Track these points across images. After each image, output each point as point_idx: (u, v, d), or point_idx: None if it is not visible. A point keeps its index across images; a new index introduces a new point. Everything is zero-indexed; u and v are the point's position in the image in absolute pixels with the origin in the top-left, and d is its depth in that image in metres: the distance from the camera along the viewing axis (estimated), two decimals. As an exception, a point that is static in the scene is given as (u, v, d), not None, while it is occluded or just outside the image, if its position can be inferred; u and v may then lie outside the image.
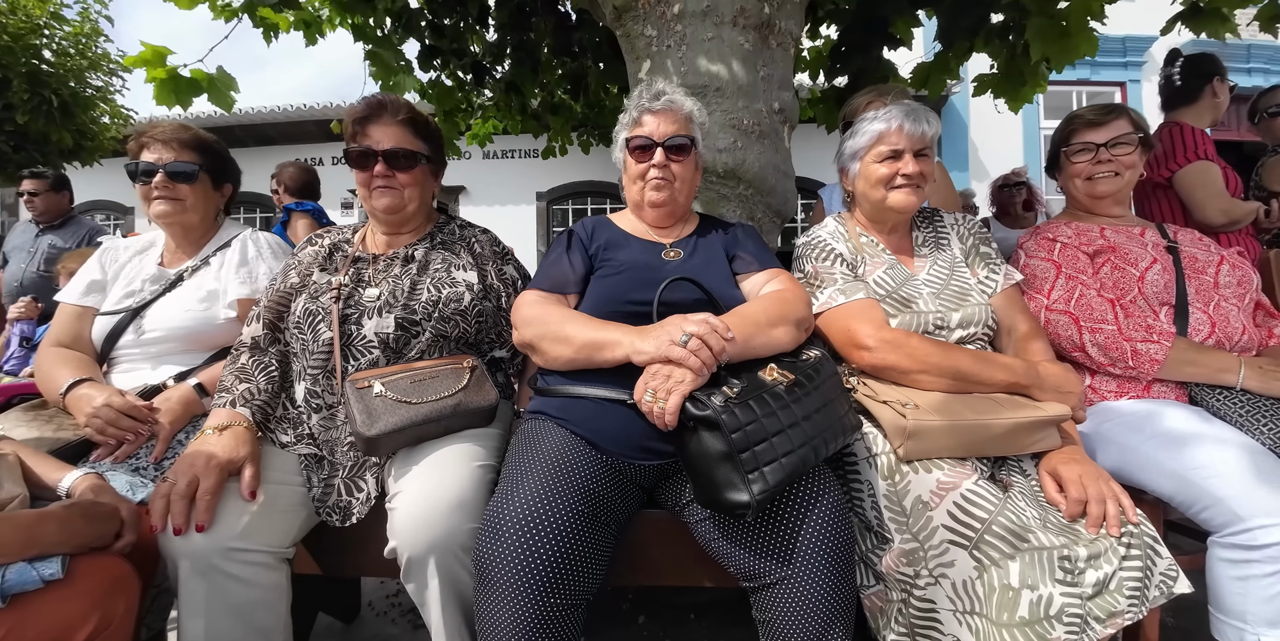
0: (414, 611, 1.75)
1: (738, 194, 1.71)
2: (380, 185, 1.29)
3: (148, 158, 1.38)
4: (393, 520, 1.01)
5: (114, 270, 1.43)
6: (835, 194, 2.19)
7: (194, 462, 0.99)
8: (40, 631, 0.72)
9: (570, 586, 0.90)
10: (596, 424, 1.05)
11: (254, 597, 0.99)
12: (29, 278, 3.40)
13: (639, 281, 1.17)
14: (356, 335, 1.19)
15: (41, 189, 3.48)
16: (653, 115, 1.27)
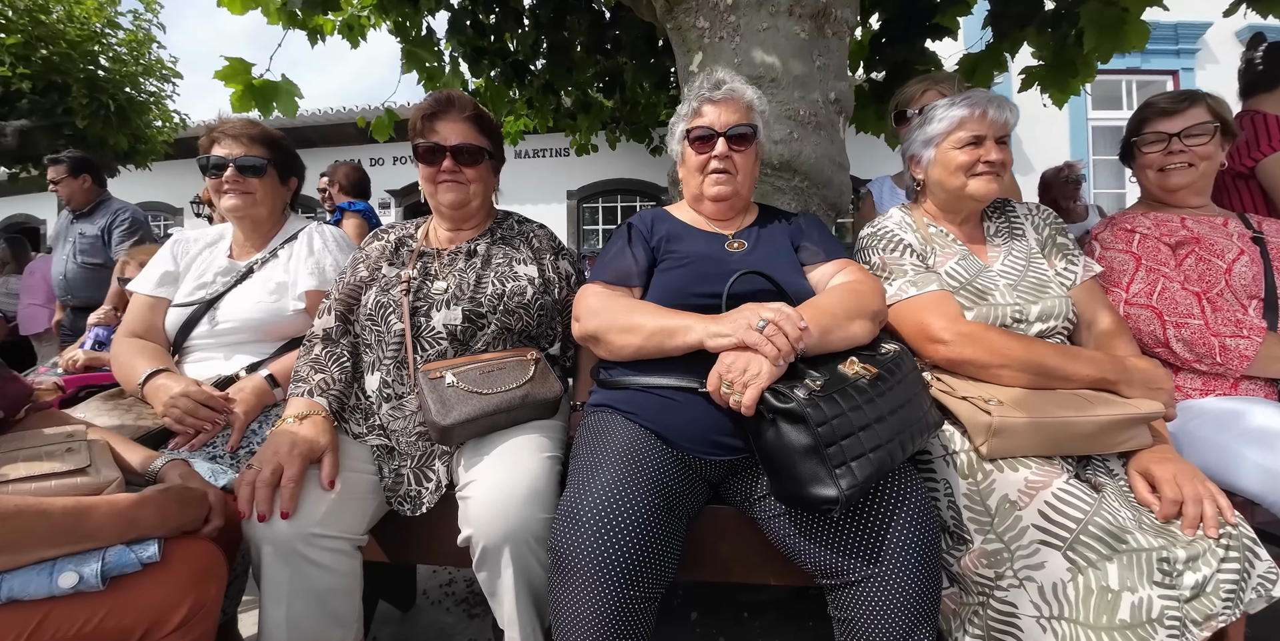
0: (468, 601, 1.78)
1: (793, 186, 1.67)
2: (446, 180, 1.30)
3: (219, 152, 1.41)
4: (466, 509, 1.02)
5: (185, 262, 1.47)
6: (885, 188, 2.13)
7: (277, 450, 1.01)
8: (139, 613, 0.74)
9: (648, 579, 0.89)
10: (666, 418, 1.04)
11: (331, 584, 1.00)
12: (70, 270, 3.34)
13: (705, 274, 1.15)
14: (425, 327, 1.20)
15: (60, 175, 3.31)
16: (713, 105, 1.25)
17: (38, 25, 5.16)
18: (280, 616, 0.96)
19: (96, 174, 3.43)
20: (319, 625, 1.00)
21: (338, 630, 1.03)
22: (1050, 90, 2.96)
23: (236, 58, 2.54)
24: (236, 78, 2.54)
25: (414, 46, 3.51)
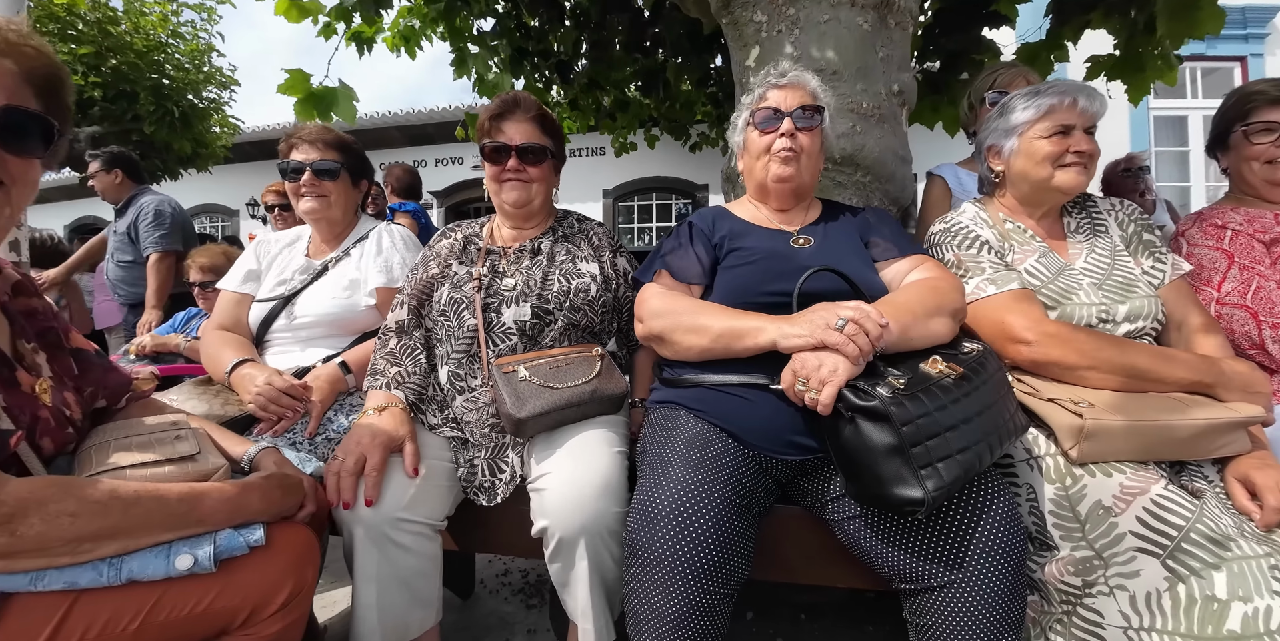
0: (524, 591, 1.81)
1: (855, 181, 1.64)
2: (510, 178, 1.32)
3: (296, 157, 1.48)
4: (541, 501, 1.03)
5: (266, 261, 1.55)
6: (960, 175, 2.02)
7: (359, 441, 1.05)
8: (245, 595, 0.77)
9: (726, 575, 0.89)
10: (738, 416, 1.03)
11: (416, 566, 1.04)
12: (110, 268, 3.28)
13: (773, 271, 1.14)
14: (496, 323, 1.23)
15: (95, 170, 3.17)
16: (778, 89, 1.24)
17: (107, 36, 5.47)
18: (371, 596, 1.01)
19: (130, 168, 3.29)
20: (405, 605, 1.04)
21: (420, 610, 1.07)
22: (1118, 79, 2.82)
23: (296, 69, 2.66)
24: (297, 88, 2.65)
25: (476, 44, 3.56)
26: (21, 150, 0.71)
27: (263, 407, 1.20)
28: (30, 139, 0.72)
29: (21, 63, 0.70)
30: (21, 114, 0.70)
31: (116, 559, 0.67)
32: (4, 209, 0.71)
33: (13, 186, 0.71)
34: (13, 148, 0.70)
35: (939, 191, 1.92)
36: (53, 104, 0.75)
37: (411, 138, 9.55)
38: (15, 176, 0.72)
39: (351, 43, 3.37)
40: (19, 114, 0.69)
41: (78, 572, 0.65)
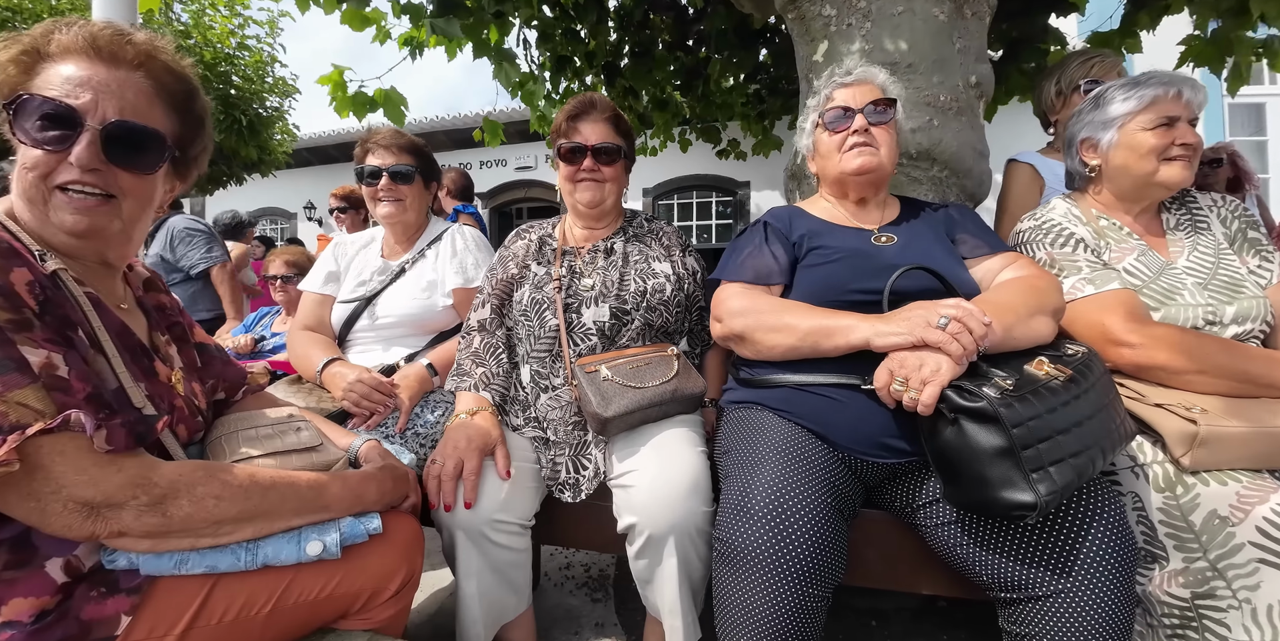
0: (588, 585, 1.83)
1: (930, 176, 1.60)
2: (585, 178, 1.34)
3: (373, 162, 1.52)
4: (628, 498, 1.04)
5: (345, 262, 1.60)
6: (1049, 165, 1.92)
7: (456, 445, 1.08)
8: (364, 581, 0.81)
9: (824, 578, 0.88)
10: (827, 417, 1.02)
11: (510, 559, 1.08)
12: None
13: (858, 269, 1.12)
14: (576, 323, 1.25)
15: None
16: (846, 88, 1.22)
17: (178, 49, 5.77)
18: (473, 588, 1.05)
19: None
20: (501, 594, 1.09)
21: (513, 597, 1.12)
22: (1204, 66, 2.65)
23: (339, 66, 2.73)
24: (337, 84, 2.73)
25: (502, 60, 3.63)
26: (133, 165, 0.72)
27: (355, 403, 1.25)
28: (143, 154, 0.73)
29: (154, 77, 0.74)
30: (134, 129, 0.71)
31: (252, 543, 0.71)
32: (114, 222, 0.73)
33: (124, 200, 0.73)
34: (124, 162, 0.71)
35: (1026, 179, 1.83)
36: (185, 118, 0.78)
37: (456, 141, 9.79)
38: (126, 190, 0.73)
39: (404, 46, 3.45)
40: (131, 129, 0.71)
41: (217, 556, 0.69)
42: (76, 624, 0.62)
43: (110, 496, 0.60)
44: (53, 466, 0.58)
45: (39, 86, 0.68)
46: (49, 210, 0.69)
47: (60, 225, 0.69)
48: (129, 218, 0.74)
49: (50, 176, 0.68)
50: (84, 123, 0.68)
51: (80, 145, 0.67)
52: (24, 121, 0.67)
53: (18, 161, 0.69)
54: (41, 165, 0.68)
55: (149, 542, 0.64)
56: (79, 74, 0.69)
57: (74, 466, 0.59)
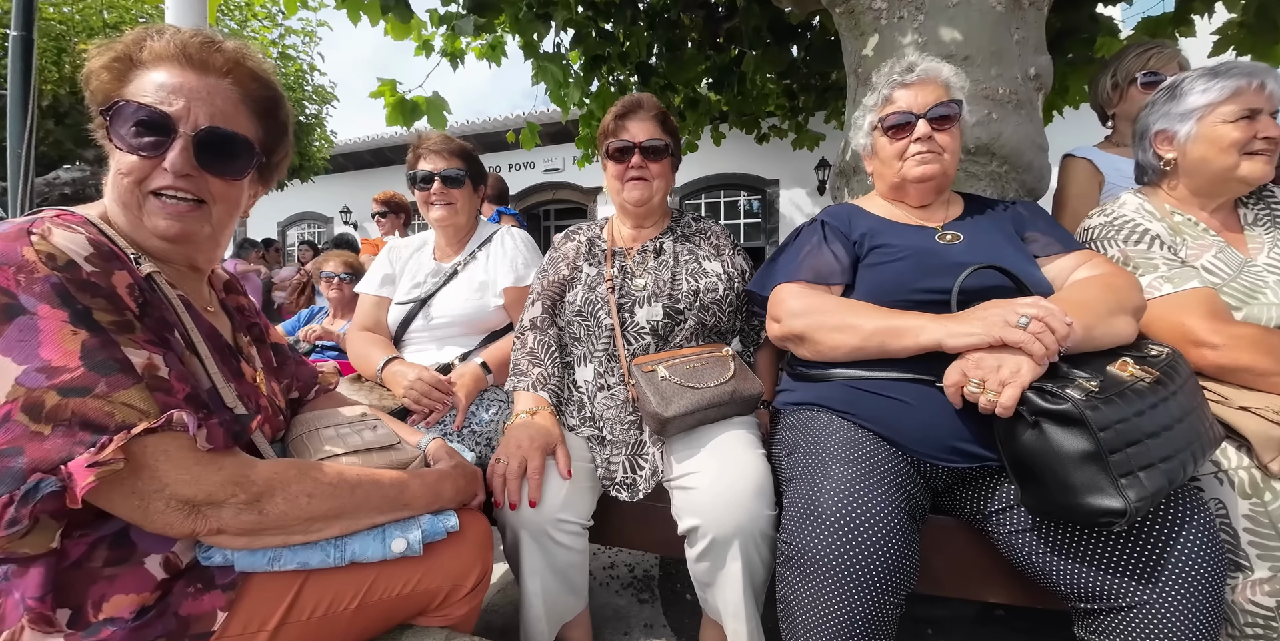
0: (634, 586, 1.83)
1: (989, 171, 1.55)
2: (634, 176, 1.34)
3: (424, 167, 1.55)
4: (690, 500, 1.04)
5: (399, 265, 1.64)
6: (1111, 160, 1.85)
7: (520, 445, 1.09)
8: (443, 578, 0.82)
9: (898, 584, 0.86)
10: (895, 420, 0.99)
11: (570, 560, 1.09)
12: None
13: (925, 268, 1.09)
14: (630, 322, 1.25)
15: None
16: (907, 88, 1.18)
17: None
18: (536, 587, 1.06)
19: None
20: (561, 594, 1.10)
21: (573, 597, 1.13)
22: (1249, 53, 2.51)
23: (386, 79, 2.82)
24: (389, 95, 2.82)
25: (545, 62, 3.67)
26: (223, 171, 0.74)
27: (415, 401, 1.27)
28: (233, 160, 0.75)
29: (242, 84, 0.75)
30: (224, 136, 0.72)
31: (340, 540, 0.73)
32: (204, 227, 0.75)
33: (214, 205, 0.75)
34: (214, 168, 0.73)
35: (1084, 176, 1.77)
36: (270, 125, 0.80)
37: (484, 145, 9.93)
38: (216, 196, 0.75)
39: (445, 56, 3.54)
40: (222, 136, 0.72)
41: (308, 553, 0.70)
42: (175, 620, 0.63)
43: (211, 494, 0.62)
44: (157, 465, 0.60)
45: (132, 93, 0.70)
46: (143, 214, 0.71)
47: (154, 229, 0.72)
48: (218, 222, 0.77)
49: (145, 182, 0.70)
50: (177, 129, 0.70)
51: (174, 151, 0.69)
52: (120, 127, 0.69)
53: (113, 167, 0.71)
54: (137, 171, 0.70)
55: (245, 540, 0.66)
56: (171, 81, 0.70)
57: (177, 465, 0.61)
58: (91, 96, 0.72)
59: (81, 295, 0.59)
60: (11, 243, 0.58)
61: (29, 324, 0.57)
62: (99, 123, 0.71)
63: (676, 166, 1.44)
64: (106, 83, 0.71)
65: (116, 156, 0.70)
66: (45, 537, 0.57)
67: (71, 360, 0.57)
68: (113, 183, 0.71)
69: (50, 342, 0.57)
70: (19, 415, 0.55)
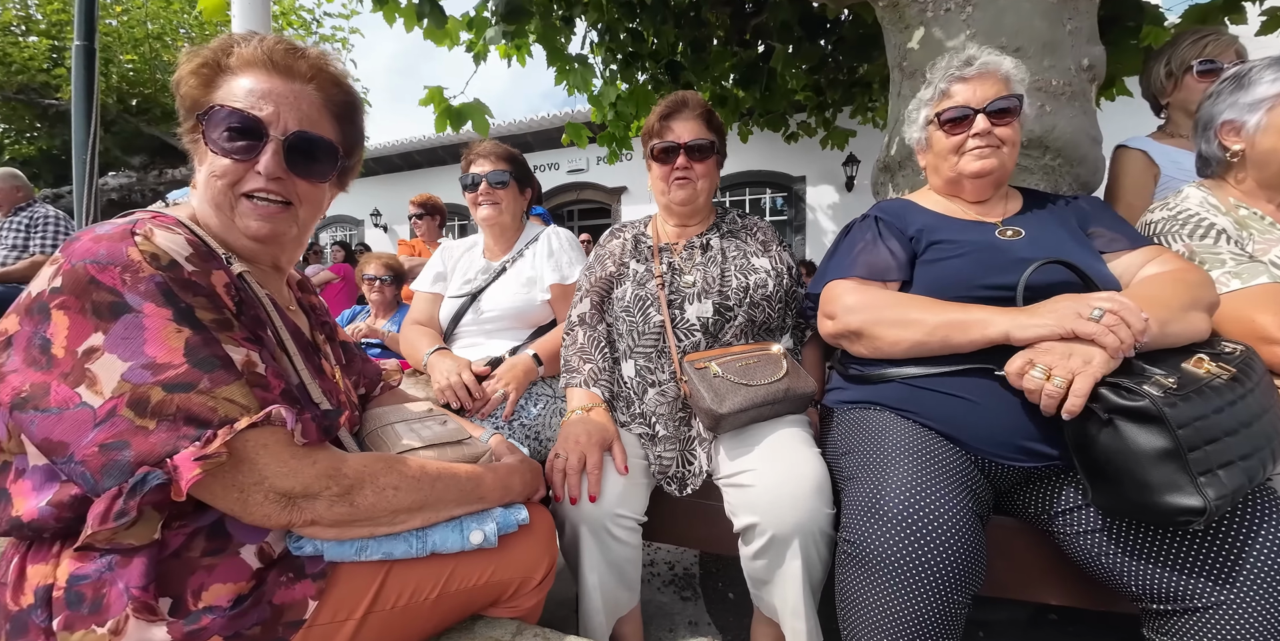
0: (675, 583, 1.84)
1: (1042, 165, 1.52)
2: (679, 177, 1.34)
3: (475, 170, 1.61)
4: (746, 497, 1.04)
5: (451, 264, 1.70)
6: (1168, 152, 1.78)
7: (578, 440, 1.11)
8: (515, 569, 0.84)
9: (966, 583, 0.85)
10: (959, 418, 0.98)
11: (626, 555, 1.10)
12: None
13: (987, 264, 1.07)
14: (680, 319, 1.26)
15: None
16: (965, 83, 1.16)
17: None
18: (594, 581, 1.08)
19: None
20: (617, 588, 1.11)
21: (626, 592, 1.14)
22: None
23: (433, 87, 2.88)
24: (437, 103, 2.88)
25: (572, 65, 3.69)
26: (309, 174, 0.77)
27: (451, 400, 1.30)
28: (319, 164, 0.77)
29: (324, 89, 0.78)
30: (311, 140, 0.75)
31: (421, 532, 0.75)
32: (291, 228, 0.79)
33: (300, 207, 0.78)
34: (301, 171, 0.76)
35: (1138, 168, 1.72)
36: (348, 129, 0.83)
37: (515, 147, 10.05)
38: (303, 198, 0.78)
39: (471, 53, 3.58)
40: (309, 140, 0.75)
41: (392, 544, 0.73)
42: (269, 608, 0.65)
43: (307, 487, 0.64)
44: (257, 459, 0.62)
45: (220, 98, 0.72)
46: (235, 216, 0.74)
47: (245, 230, 0.75)
48: (303, 223, 0.80)
49: (238, 184, 0.73)
50: (269, 134, 0.72)
51: (266, 155, 0.72)
52: (214, 131, 0.71)
53: (204, 170, 0.74)
54: (230, 173, 0.72)
55: (335, 531, 0.68)
56: (260, 86, 0.73)
57: (275, 458, 0.63)
58: (181, 101, 0.75)
59: (184, 294, 0.62)
60: (117, 243, 0.61)
61: (135, 322, 0.59)
62: (190, 126, 0.73)
63: (722, 163, 1.44)
64: (194, 88, 0.74)
65: (210, 160, 0.73)
66: (149, 528, 0.59)
67: (176, 357, 0.59)
68: (205, 185, 0.74)
69: (155, 340, 0.59)
70: (125, 410, 0.57)
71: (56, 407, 0.57)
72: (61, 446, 0.57)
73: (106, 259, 0.59)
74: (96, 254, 0.59)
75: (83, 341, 0.58)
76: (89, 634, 0.58)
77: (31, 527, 0.61)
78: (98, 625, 0.58)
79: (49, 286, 0.60)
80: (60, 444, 0.57)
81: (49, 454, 0.58)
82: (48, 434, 0.57)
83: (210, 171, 0.73)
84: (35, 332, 0.59)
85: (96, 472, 0.57)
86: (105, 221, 0.66)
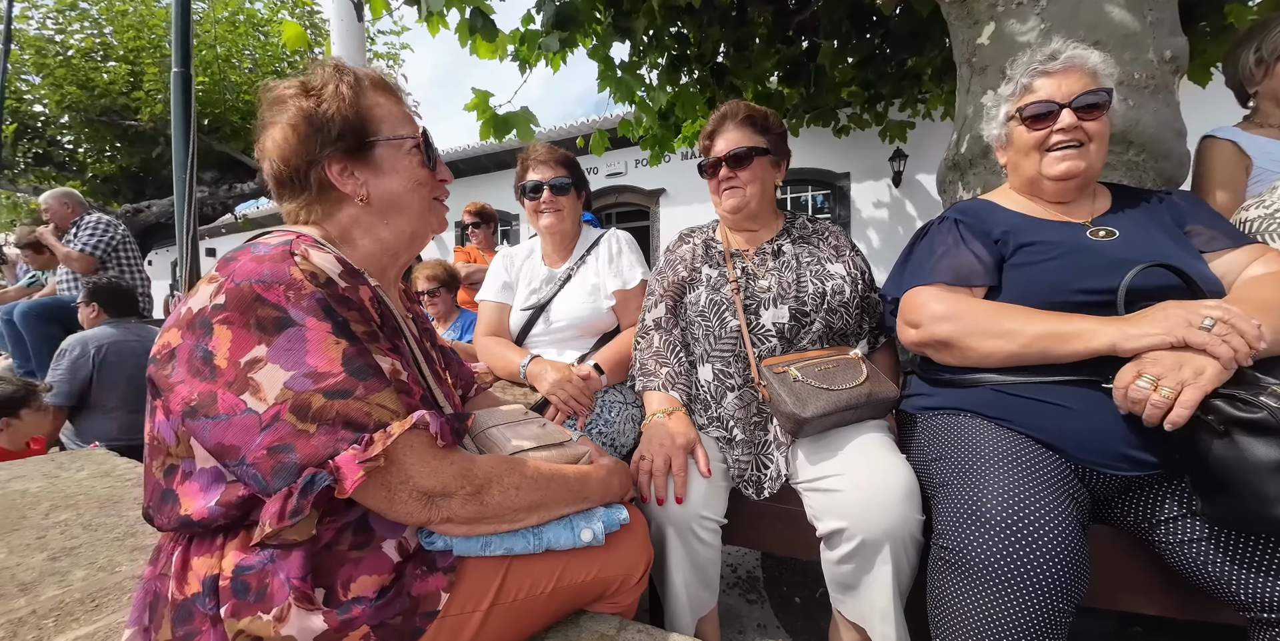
0: (739, 586, 1.85)
1: (1125, 160, 1.47)
2: (726, 187, 1.37)
3: (533, 177, 1.62)
4: (833, 502, 1.05)
5: (514, 272, 1.72)
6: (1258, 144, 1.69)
7: (663, 443, 1.14)
8: (619, 566, 0.88)
9: (1071, 591, 0.84)
10: (1058, 426, 0.96)
11: (709, 556, 1.12)
12: None
13: (1082, 267, 1.04)
14: (755, 324, 1.27)
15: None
16: (1049, 77, 1.14)
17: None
18: (680, 581, 1.11)
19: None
20: (699, 589, 1.13)
21: (707, 593, 1.16)
22: None
23: (482, 91, 2.95)
24: (482, 109, 2.96)
25: (620, 71, 3.74)
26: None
27: (564, 401, 1.34)
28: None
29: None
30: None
31: (537, 529, 0.79)
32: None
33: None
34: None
35: (1229, 159, 1.63)
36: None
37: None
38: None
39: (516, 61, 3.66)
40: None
41: (512, 540, 0.77)
42: (408, 600, 0.69)
43: (445, 486, 0.69)
44: (404, 460, 0.67)
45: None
46: (432, 216, 0.88)
47: (434, 228, 0.90)
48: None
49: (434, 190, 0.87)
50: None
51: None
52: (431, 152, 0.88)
53: (396, 183, 0.84)
54: (430, 181, 0.87)
55: (466, 528, 0.73)
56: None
57: (420, 460, 0.68)
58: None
59: (340, 308, 0.68)
60: (279, 264, 0.67)
61: (297, 334, 0.64)
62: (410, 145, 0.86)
63: (779, 164, 1.42)
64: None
65: (414, 173, 0.85)
66: (309, 525, 0.64)
67: (334, 366, 0.65)
68: (407, 194, 0.84)
69: (315, 351, 0.65)
70: (287, 415, 0.62)
71: (225, 414, 0.63)
72: (234, 450, 0.63)
73: (271, 278, 0.65)
74: (261, 274, 0.65)
75: (245, 353, 0.64)
76: (255, 620, 0.63)
77: (200, 524, 0.67)
78: (263, 612, 0.63)
79: (210, 303, 0.65)
80: (232, 447, 0.63)
81: (221, 457, 0.64)
82: (220, 439, 0.63)
83: (416, 180, 0.85)
84: (197, 345, 0.65)
85: (267, 474, 0.62)
86: (252, 242, 0.73)
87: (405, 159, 0.83)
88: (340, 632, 0.64)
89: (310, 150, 0.79)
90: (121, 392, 2.64)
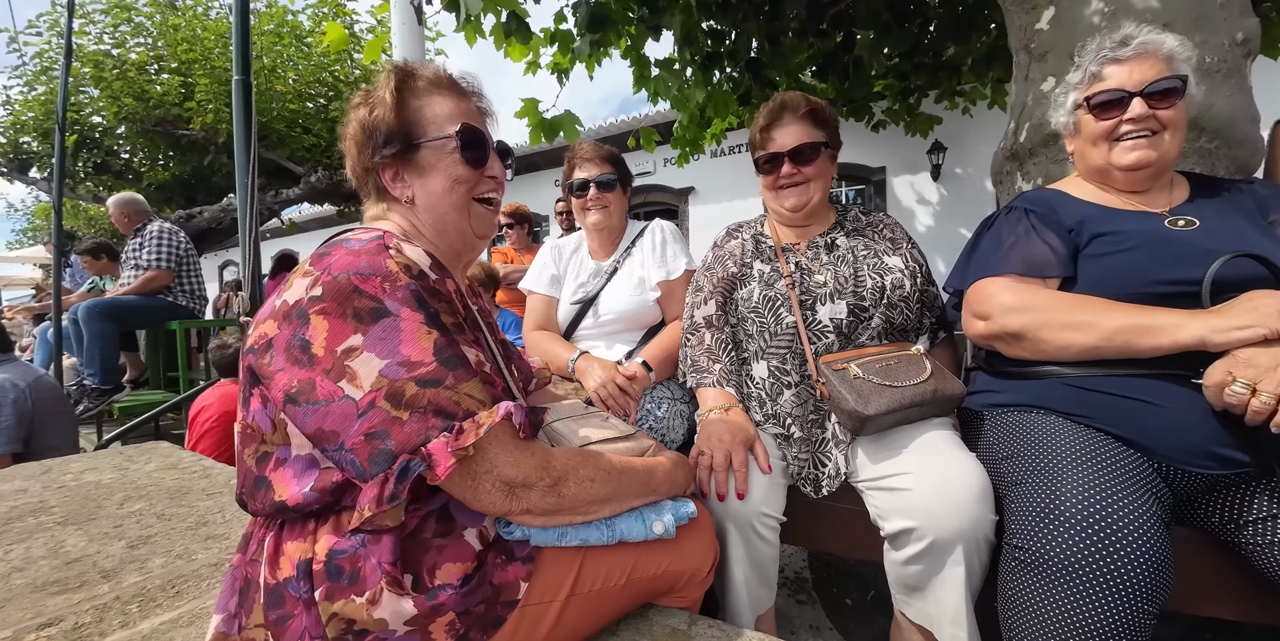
0: (788, 587, 1.83)
1: (1197, 147, 1.41)
2: (785, 185, 1.34)
3: (580, 175, 1.63)
4: (901, 501, 1.03)
5: (562, 265, 1.74)
6: None
7: (722, 439, 1.13)
8: (688, 560, 0.88)
9: (1156, 593, 0.81)
10: (1141, 423, 0.93)
11: (768, 553, 1.11)
12: None
13: (1162, 258, 1.00)
14: (812, 320, 1.25)
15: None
16: (1119, 64, 1.09)
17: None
18: (740, 578, 1.10)
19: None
20: (758, 587, 1.12)
21: (765, 591, 1.15)
22: None
23: (530, 99, 3.00)
24: (531, 116, 3.01)
25: (658, 69, 3.75)
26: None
27: (606, 399, 1.35)
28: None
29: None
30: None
31: (610, 521, 0.80)
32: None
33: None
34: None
35: None
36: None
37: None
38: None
39: (554, 71, 3.72)
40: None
41: (587, 531, 0.78)
42: (490, 588, 0.70)
43: (526, 477, 0.70)
44: (489, 449, 0.68)
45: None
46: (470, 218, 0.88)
47: (477, 231, 0.90)
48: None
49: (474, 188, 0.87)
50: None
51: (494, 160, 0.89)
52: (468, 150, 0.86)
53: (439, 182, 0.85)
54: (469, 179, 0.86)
55: (543, 519, 0.73)
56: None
57: (504, 450, 0.69)
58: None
59: (432, 300, 0.69)
60: (375, 257, 0.69)
61: (392, 324, 0.66)
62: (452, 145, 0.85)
63: (835, 157, 1.41)
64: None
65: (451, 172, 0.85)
66: (401, 510, 0.65)
67: (426, 356, 0.66)
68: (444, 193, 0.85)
69: (409, 341, 0.66)
70: (382, 401, 0.64)
71: (324, 400, 0.65)
72: (333, 435, 0.65)
73: (368, 270, 0.67)
74: (359, 266, 0.67)
75: (342, 342, 0.65)
76: (349, 603, 0.65)
77: (295, 510, 0.70)
78: (356, 595, 0.65)
79: (307, 295, 0.67)
80: (332, 433, 0.65)
81: (320, 443, 0.66)
82: (320, 424, 0.65)
83: (455, 178, 0.85)
84: (294, 334, 0.67)
85: (365, 461, 0.64)
86: (342, 237, 0.75)
87: (446, 158, 0.84)
88: (429, 618, 0.66)
89: (366, 158, 0.83)
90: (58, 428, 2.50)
